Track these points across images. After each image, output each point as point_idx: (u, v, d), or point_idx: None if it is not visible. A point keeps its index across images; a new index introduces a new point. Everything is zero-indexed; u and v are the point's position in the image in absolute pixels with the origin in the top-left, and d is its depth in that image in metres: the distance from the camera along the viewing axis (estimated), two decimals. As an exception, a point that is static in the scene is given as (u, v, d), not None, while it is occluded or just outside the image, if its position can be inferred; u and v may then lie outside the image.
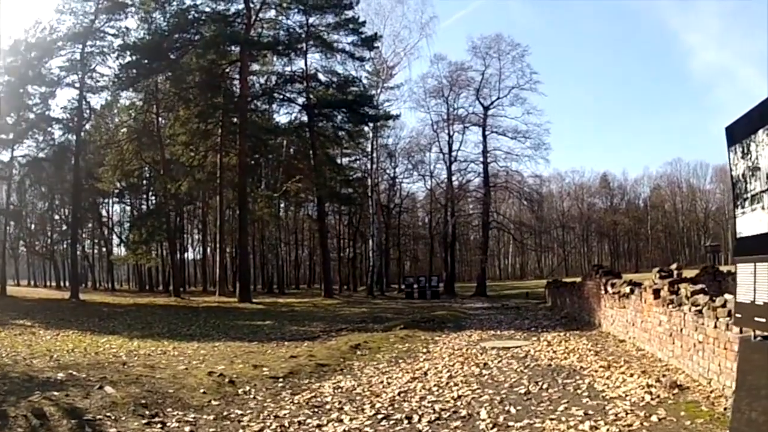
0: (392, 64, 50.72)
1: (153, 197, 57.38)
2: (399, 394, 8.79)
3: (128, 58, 36.64)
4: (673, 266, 11.13)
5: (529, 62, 62.54)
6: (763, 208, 4.56)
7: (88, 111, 39.93)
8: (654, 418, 6.67)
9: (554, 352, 12.39)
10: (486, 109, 55.71)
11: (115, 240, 68.67)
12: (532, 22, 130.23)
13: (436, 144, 58.40)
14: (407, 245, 78.54)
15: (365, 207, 54.10)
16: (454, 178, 57.13)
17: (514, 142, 55.31)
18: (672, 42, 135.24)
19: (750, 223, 4.79)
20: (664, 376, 8.93)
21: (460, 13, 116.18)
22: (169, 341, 16.04)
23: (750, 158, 4.74)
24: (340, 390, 9.27)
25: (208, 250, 69.69)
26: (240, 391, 8.93)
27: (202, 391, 8.59)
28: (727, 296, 7.97)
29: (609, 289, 14.75)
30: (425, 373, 10.55)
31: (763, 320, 4.49)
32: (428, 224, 70.20)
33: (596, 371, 9.82)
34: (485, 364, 11.31)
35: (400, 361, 12.29)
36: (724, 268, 21.23)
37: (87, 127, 42.05)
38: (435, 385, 9.35)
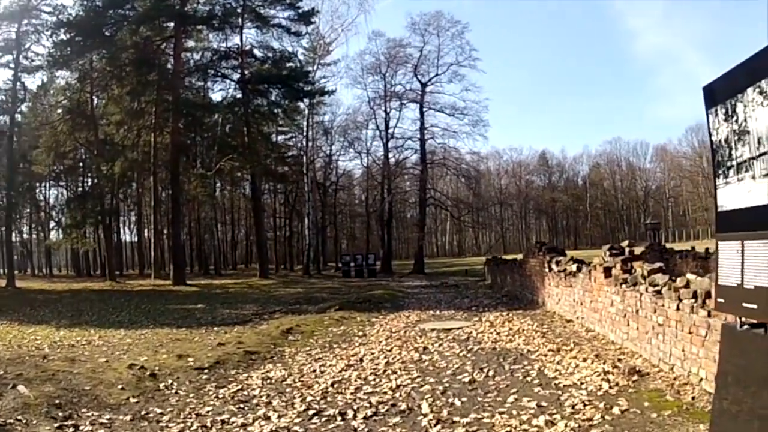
0: (329, 40, 50.17)
1: (89, 179, 55.13)
2: (332, 384, 7.97)
3: (63, 36, 34.76)
4: (624, 243, 10.56)
5: (468, 39, 62.31)
6: (753, 177, 3.75)
7: (23, 92, 38.27)
8: (616, 410, 5.92)
9: (498, 333, 11.68)
10: (424, 85, 55.47)
11: (53, 224, 66.18)
12: (474, 3, 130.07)
13: (372, 121, 58.05)
14: (344, 223, 78.30)
15: (301, 185, 53.57)
16: (390, 155, 56.74)
17: (452, 119, 55.48)
18: (616, 24, 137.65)
19: (736, 194, 3.96)
20: (619, 360, 8.33)
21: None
22: (97, 330, 14.99)
23: (736, 121, 3.92)
24: (269, 381, 8.46)
25: (145, 232, 67.64)
26: (161, 385, 8.09)
27: (120, 386, 7.74)
28: (690, 276, 7.37)
29: (554, 267, 14.14)
30: (361, 360, 9.73)
31: (754, 306, 3.71)
32: (365, 202, 69.81)
33: (545, 355, 9.11)
34: (425, 348, 10.53)
35: (335, 346, 11.42)
36: (669, 246, 21.11)
37: (23, 108, 40.81)
38: (371, 374, 8.55)
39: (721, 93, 4.12)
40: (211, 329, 14.67)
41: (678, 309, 7.09)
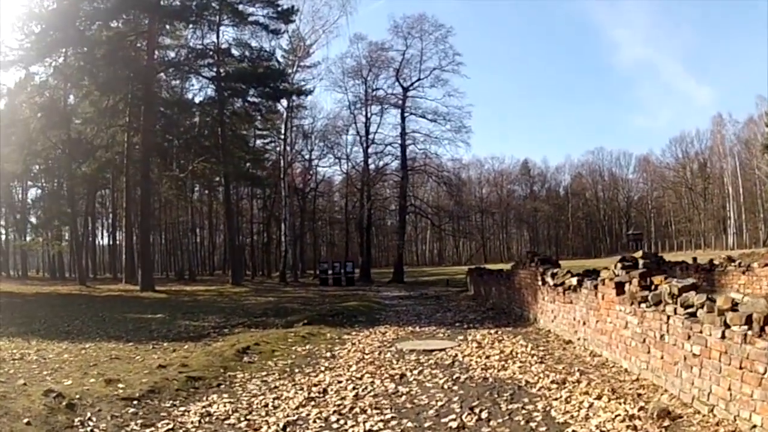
0: (310, 42, 49.36)
1: (64, 180, 53.69)
2: (285, 428, 6.35)
3: (37, 29, 33.69)
4: (638, 254, 9.00)
5: (452, 43, 61.24)
6: None
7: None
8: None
9: (488, 357, 10.02)
10: (405, 90, 54.25)
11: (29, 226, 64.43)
12: (457, 10, 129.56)
13: (353, 126, 56.64)
14: (323, 230, 77.04)
15: (279, 190, 52.22)
16: (370, 161, 55.30)
17: (433, 125, 54.24)
18: (599, 35, 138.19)
19: None
20: (639, 395, 6.74)
21: (380, 1, 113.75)
22: (39, 341, 13.37)
23: None
24: (208, 419, 6.84)
25: (119, 235, 66.03)
26: (77, 420, 6.43)
27: (26, 421, 6.13)
28: (736, 295, 5.83)
29: (549, 280, 12.55)
30: (325, 391, 8.07)
31: None
32: (344, 208, 68.58)
33: (549, 389, 7.49)
34: (402, 376, 8.89)
35: (296, 370, 9.73)
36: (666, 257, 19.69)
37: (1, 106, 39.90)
38: (335, 412, 6.94)
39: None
40: (161, 345, 12.98)
41: (723, 337, 5.55)
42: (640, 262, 8.65)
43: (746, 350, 5.18)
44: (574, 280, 10.89)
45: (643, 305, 7.57)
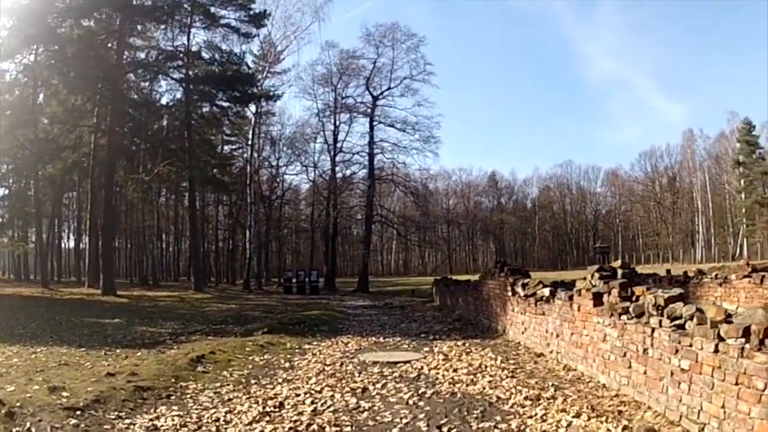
0: (281, 47, 49.20)
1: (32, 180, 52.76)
2: (234, 447, 5.70)
3: (8, 23, 33.51)
4: (617, 263, 8.54)
5: (423, 53, 61.17)
6: None
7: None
8: None
9: (455, 370, 9.46)
10: (375, 99, 54.10)
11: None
12: (428, 23, 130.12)
13: (321, 134, 56.53)
14: (289, 238, 76.48)
15: (245, 197, 51.80)
16: (338, 169, 55.09)
17: (402, 134, 54.07)
18: (570, 51, 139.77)
19: None
20: (620, 412, 6.24)
21: (352, 12, 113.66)
22: (-9, 345, 12.70)
23: None
24: (154, 434, 6.18)
25: (84, 238, 64.82)
26: (15, 430, 5.97)
27: None
28: (729, 306, 5.36)
29: (519, 290, 12.05)
30: (281, 405, 7.46)
31: None
32: (311, 217, 67.80)
33: (522, 406, 6.96)
34: (364, 389, 8.29)
35: (252, 382, 9.09)
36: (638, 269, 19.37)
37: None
38: (291, 429, 6.36)
39: None
40: (113, 351, 12.33)
41: (717, 351, 5.10)
42: (619, 272, 8.21)
43: (743, 365, 4.73)
44: (546, 291, 10.40)
45: (624, 317, 7.08)
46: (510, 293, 12.87)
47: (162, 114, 43.95)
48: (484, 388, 8.04)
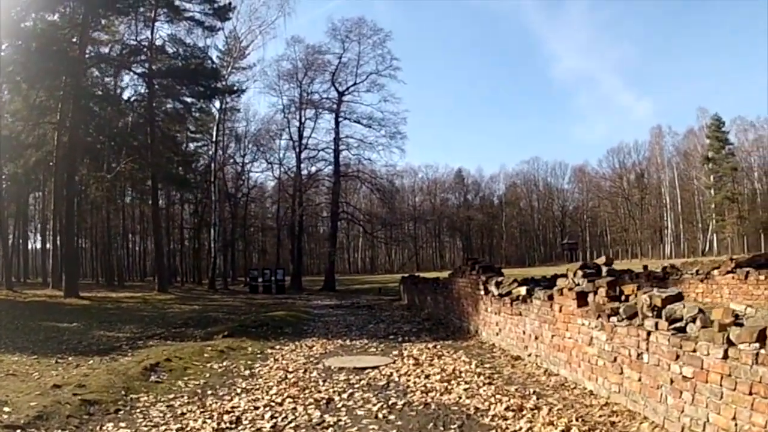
0: (246, 42, 48.66)
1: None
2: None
3: None
4: (601, 260, 7.95)
5: (390, 48, 60.69)
6: None
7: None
8: None
9: (427, 377, 8.77)
10: (341, 94, 53.84)
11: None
12: (395, 19, 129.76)
13: (286, 131, 55.72)
14: (255, 237, 75.82)
15: (210, 194, 50.89)
16: (303, 166, 54.55)
17: (368, 130, 53.84)
18: (538, 48, 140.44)
19: None
20: (612, 424, 5.67)
21: (319, 10, 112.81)
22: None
23: None
24: (99, 455, 5.45)
25: (50, 238, 63.33)
26: None
27: None
28: (737, 307, 4.80)
29: (492, 289, 11.43)
30: (238, 420, 6.73)
31: None
32: (276, 215, 67.21)
33: (504, 418, 6.28)
34: (329, 400, 7.56)
35: (209, 392, 8.34)
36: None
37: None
38: (247, 449, 5.58)
39: None
40: (65, 359, 11.55)
41: (726, 357, 4.54)
42: (604, 269, 7.65)
43: (759, 372, 4.22)
44: (523, 290, 9.78)
45: (613, 319, 6.47)
46: (483, 292, 12.26)
47: (125, 110, 43.06)
48: (460, 398, 7.37)
